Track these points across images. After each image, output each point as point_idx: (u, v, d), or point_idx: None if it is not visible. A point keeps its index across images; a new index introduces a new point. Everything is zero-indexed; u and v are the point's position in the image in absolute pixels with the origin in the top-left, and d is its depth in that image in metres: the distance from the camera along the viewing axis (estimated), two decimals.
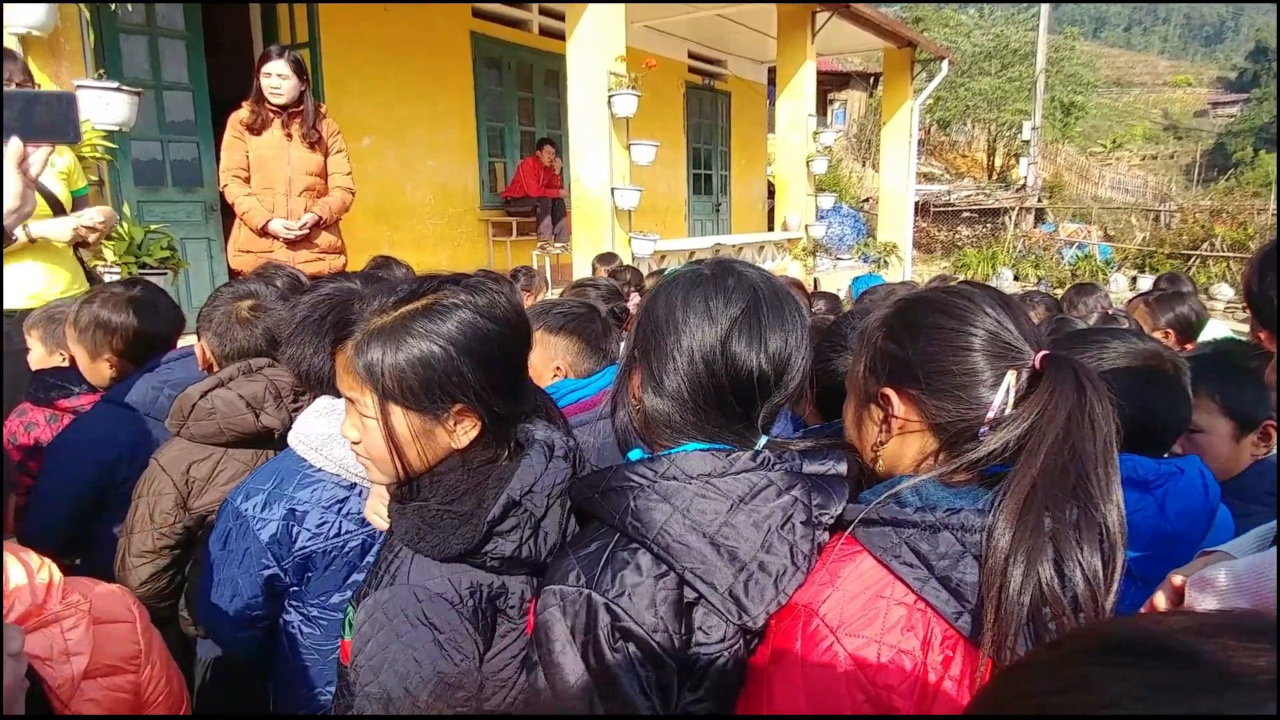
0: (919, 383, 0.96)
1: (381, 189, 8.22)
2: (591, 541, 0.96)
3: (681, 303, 1.00)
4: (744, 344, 0.97)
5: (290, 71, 4.01)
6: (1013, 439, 0.89)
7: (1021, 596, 0.80)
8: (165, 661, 1.23)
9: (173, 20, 6.46)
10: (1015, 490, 0.85)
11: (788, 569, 0.91)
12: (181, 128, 6.62)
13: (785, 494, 0.94)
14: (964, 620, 0.84)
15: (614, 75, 6.84)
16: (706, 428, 0.99)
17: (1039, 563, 0.81)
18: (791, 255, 10.29)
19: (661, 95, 11.24)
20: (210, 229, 6.77)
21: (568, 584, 0.92)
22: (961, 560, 0.85)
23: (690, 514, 0.91)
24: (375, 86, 8.06)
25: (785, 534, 0.92)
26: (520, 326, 1.08)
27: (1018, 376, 0.92)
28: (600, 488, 0.97)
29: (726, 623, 0.89)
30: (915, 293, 1.06)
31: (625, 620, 0.88)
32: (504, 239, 9.39)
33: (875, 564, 0.90)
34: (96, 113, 3.65)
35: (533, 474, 1.06)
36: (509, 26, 9.60)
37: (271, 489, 1.51)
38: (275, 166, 4.09)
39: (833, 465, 1.00)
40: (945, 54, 13.34)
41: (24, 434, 2.36)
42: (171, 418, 1.73)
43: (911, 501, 0.91)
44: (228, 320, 1.88)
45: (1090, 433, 0.86)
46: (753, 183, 14.72)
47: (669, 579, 0.90)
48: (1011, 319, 0.96)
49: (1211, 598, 0.95)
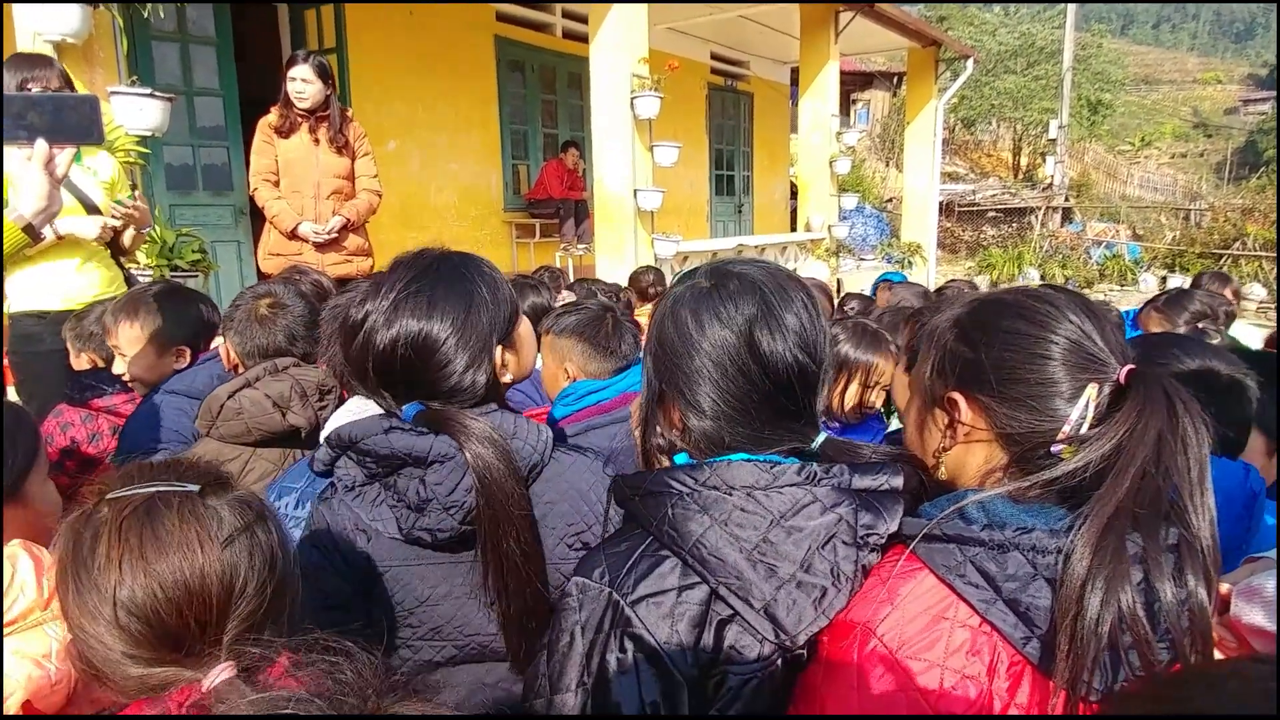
0: (991, 389, 0.91)
1: (406, 192, 8.29)
2: (623, 541, 0.95)
3: (692, 320, 0.97)
4: (768, 338, 0.95)
5: (314, 76, 4.06)
6: (1095, 459, 0.83)
7: (1100, 626, 0.76)
8: None
9: (203, 26, 6.56)
10: (1098, 514, 0.80)
11: (828, 590, 0.88)
12: (212, 132, 6.72)
13: (829, 511, 0.90)
14: (1032, 646, 0.80)
15: (637, 77, 6.85)
16: (764, 436, 0.96)
17: (1120, 589, 0.77)
18: (814, 256, 10.25)
19: (684, 96, 11.24)
20: (240, 232, 6.87)
21: (591, 578, 0.91)
22: (1032, 583, 0.81)
23: (729, 527, 0.88)
24: (401, 90, 8.13)
25: (826, 554, 0.88)
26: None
27: (1099, 390, 0.87)
28: (640, 490, 0.95)
29: (761, 642, 0.87)
30: (992, 293, 1.01)
31: (638, 627, 0.86)
32: (527, 241, 9.44)
33: (937, 583, 0.85)
34: (130, 118, 3.72)
35: (362, 429, 1.16)
36: (532, 30, 9.65)
37: (304, 487, 1.53)
38: (303, 170, 4.15)
39: (886, 480, 0.94)
40: (970, 53, 13.23)
41: (60, 434, 2.41)
42: (200, 418, 1.76)
43: (978, 518, 0.86)
44: (247, 319, 1.93)
45: (1183, 454, 0.81)
46: (775, 183, 14.68)
47: (695, 592, 0.88)
48: (1097, 328, 0.91)
49: (1259, 609, 0.93)
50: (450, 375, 1.18)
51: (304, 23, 7.54)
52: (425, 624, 1.21)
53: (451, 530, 1.15)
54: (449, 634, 1.21)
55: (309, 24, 7.52)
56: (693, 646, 0.86)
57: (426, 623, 1.21)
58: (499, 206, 9.42)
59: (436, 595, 1.20)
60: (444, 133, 8.65)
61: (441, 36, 8.45)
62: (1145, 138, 32.76)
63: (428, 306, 1.17)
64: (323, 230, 4.11)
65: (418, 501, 1.14)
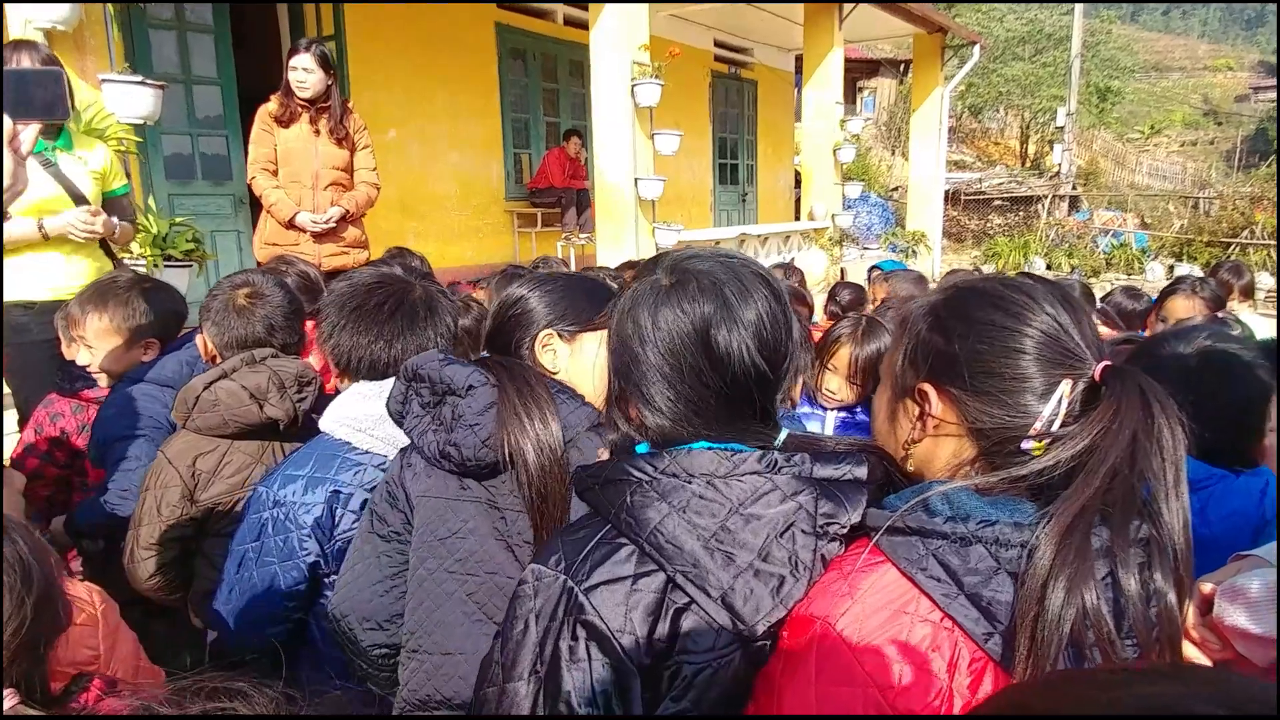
0: (962, 382, 0.89)
1: (406, 181, 8.26)
2: (582, 529, 0.94)
3: (650, 320, 0.94)
4: (724, 338, 0.92)
5: (316, 65, 4.03)
6: (1066, 458, 0.81)
7: (1061, 624, 0.74)
8: (132, 668, 1.19)
9: (201, 15, 6.52)
10: (1065, 512, 0.78)
11: (786, 579, 0.86)
12: (211, 122, 6.70)
13: (789, 500, 0.89)
14: (994, 642, 0.78)
15: (637, 64, 6.80)
16: (725, 434, 0.95)
17: (1084, 587, 0.75)
18: (817, 244, 10.18)
19: (687, 84, 11.17)
20: (239, 222, 6.85)
21: (547, 565, 0.90)
22: (995, 577, 0.79)
23: (687, 514, 0.87)
24: (400, 79, 8.09)
25: (785, 542, 0.87)
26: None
27: (1073, 386, 0.85)
28: (600, 478, 0.94)
29: (718, 631, 0.86)
30: (969, 281, 0.97)
31: (590, 614, 0.85)
32: (529, 230, 9.40)
33: (899, 576, 0.83)
34: (121, 106, 3.69)
35: (423, 361, 1.36)
36: (533, 18, 9.59)
37: (310, 473, 1.52)
38: (302, 161, 4.12)
39: (849, 469, 0.93)
40: (976, 39, 13.10)
41: (50, 424, 2.40)
42: (176, 410, 1.74)
43: (942, 510, 0.83)
44: (225, 309, 1.89)
45: (1158, 455, 0.79)
46: (780, 172, 14.60)
47: (651, 580, 0.87)
48: (1074, 321, 0.88)
49: (1242, 609, 0.89)
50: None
51: (302, 11, 7.50)
52: (452, 555, 1.33)
53: (474, 448, 1.27)
54: (471, 567, 1.33)
55: (307, 13, 7.47)
56: (647, 635, 0.85)
57: (453, 554, 1.33)
58: (500, 195, 9.38)
59: (465, 529, 1.33)
60: (444, 122, 8.60)
61: (442, 24, 8.40)
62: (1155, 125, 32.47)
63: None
64: (321, 220, 4.08)
65: (451, 421, 1.29)
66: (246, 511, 1.56)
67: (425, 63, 8.29)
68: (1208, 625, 0.94)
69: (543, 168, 9.11)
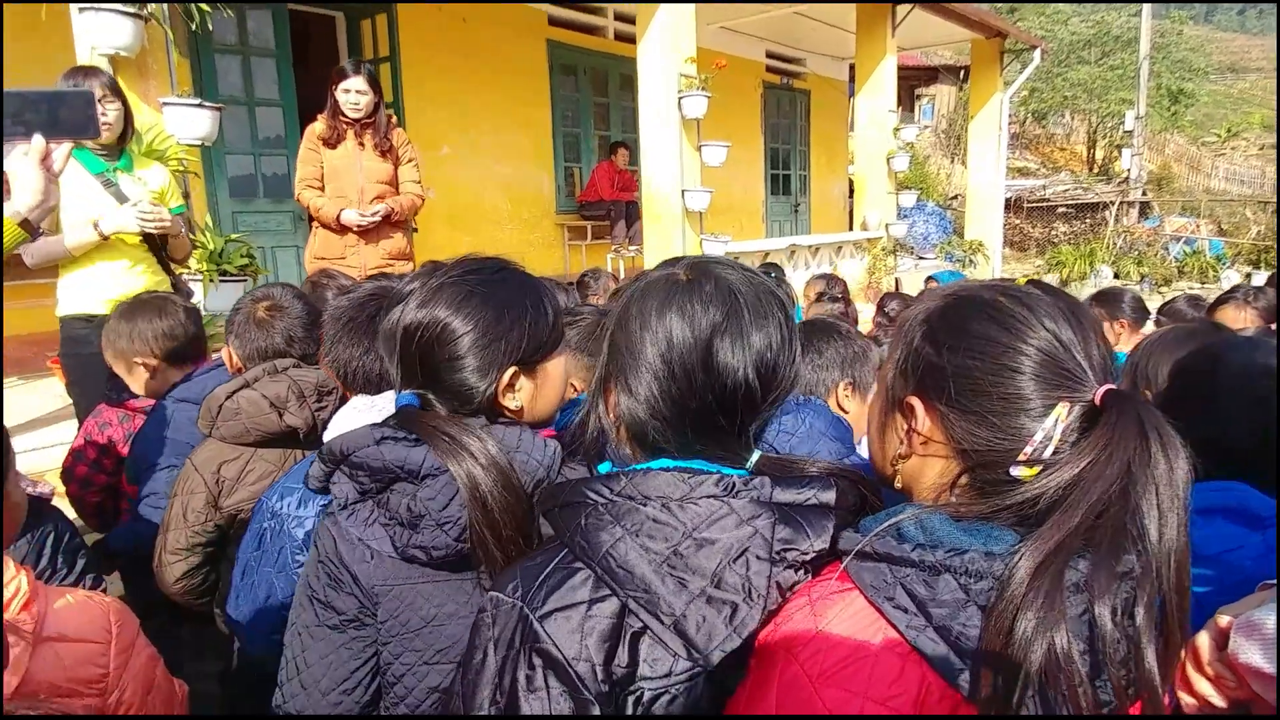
0: (949, 398, 0.83)
1: (458, 196, 8.42)
2: (540, 555, 0.91)
3: (656, 312, 0.91)
4: (728, 352, 0.89)
5: (368, 86, 4.13)
6: (1051, 488, 0.76)
7: (1029, 663, 0.69)
8: (145, 686, 1.18)
9: (263, 38, 6.77)
10: (1039, 548, 0.73)
11: (739, 606, 0.82)
12: (272, 143, 6.94)
13: (744, 525, 0.85)
14: (964, 679, 0.73)
15: (684, 77, 6.82)
16: (695, 447, 0.92)
17: (1053, 624, 0.70)
18: (871, 255, 10.03)
19: (738, 96, 11.15)
20: (299, 237, 7.08)
21: (505, 593, 0.88)
22: (963, 610, 0.74)
23: (639, 537, 0.85)
24: (454, 96, 8.26)
25: (738, 568, 0.84)
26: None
27: (1069, 410, 0.79)
28: (560, 500, 0.92)
29: (675, 657, 0.83)
30: (971, 288, 0.91)
31: (546, 642, 0.83)
32: (579, 243, 9.48)
33: (866, 605, 0.78)
34: (180, 128, 3.85)
35: (353, 441, 1.15)
36: (584, 33, 9.70)
37: (305, 488, 1.53)
38: (348, 176, 4.22)
39: (814, 494, 0.88)
40: (1037, 43, 12.79)
41: (99, 433, 2.49)
42: (201, 419, 1.80)
43: (914, 536, 0.78)
44: (246, 322, 1.95)
45: (1152, 489, 0.74)
46: (833, 182, 14.45)
47: (606, 605, 0.84)
48: (1079, 339, 0.82)
49: (1257, 648, 0.83)
50: (457, 371, 1.15)
51: (359, 32, 7.72)
52: (432, 645, 1.17)
53: (447, 548, 1.11)
54: (455, 655, 1.17)
55: (364, 33, 7.70)
56: (604, 661, 0.82)
57: (433, 644, 1.17)
58: (551, 209, 9.50)
59: (443, 615, 1.17)
60: (496, 136, 8.76)
61: (494, 42, 8.56)
62: (1232, 128, 31.17)
63: (462, 299, 1.17)
64: (366, 215, 4.14)
65: (409, 518, 1.11)
66: (251, 520, 1.60)
67: (478, 80, 8.46)
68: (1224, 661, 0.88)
69: (592, 181, 9.20)
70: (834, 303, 3.80)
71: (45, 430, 4.05)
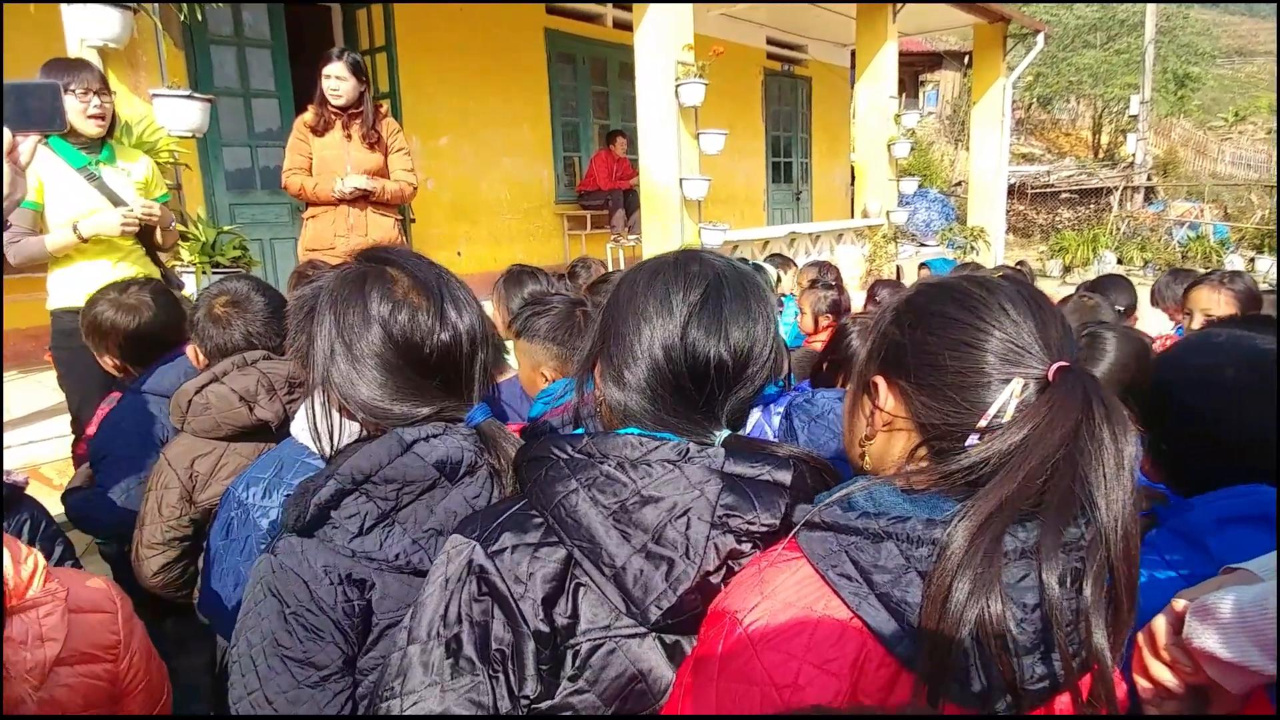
0: (909, 374, 0.87)
1: (458, 186, 8.41)
2: (503, 504, 0.97)
3: (643, 290, 0.98)
4: (703, 332, 0.94)
5: (348, 73, 4.12)
6: (997, 454, 0.78)
7: (961, 627, 0.71)
8: (146, 654, 1.26)
9: (259, 30, 6.75)
10: (979, 510, 0.75)
11: (676, 562, 0.85)
12: (269, 135, 6.93)
13: (692, 489, 0.88)
14: (904, 646, 0.75)
15: (681, 64, 6.78)
16: (666, 419, 0.96)
17: (988, 589, 0.71)
18: (871, 242, 9.99)
19: (738, 83, 11.10)
20: (296, 229, 7.04)
21: (464, 533, 0.92)
22: (904, 576, 0.76)
23: (591, 491, 0.89)
24: (452, 86, 8.23)
25: (678, 525, 0.87)
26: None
27: (1024, 386, 0.82)
28: (528, 455, 0.97)
29: (613, 611, 0.87)
30: (943, 277, 0.96)
31: (492, 574, 0.87)
32: (579, 232, 9.47)
33: (812, 573, 0.80)
34: (170, 119, 3.84)
35: (370, 461, 1.04)
36: (583, 21, 9.65)
37: (271, 477, 1.53)
38: (336, 166, 4.22)
39: (768, 471, 0.91)
40: (1040, 28, 12.67)
41: None
42: (172, 413, 1.79)
43: (862, 506, 0.81)
44: (205, 319, 1.93)
45: (1098, 457, 0.76)
46: (836, 169, 14.38)
47: (555, 551, 0.88)
48: (1035, 320, 0.85)
49: (1212, 632, 0.82)
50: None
51: (355, 22, 7.69)
52: None
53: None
54: None
55: (360, 23, 7.67)
56: (544, 601, 0.86)
57: None
58: (550, 199, 9.48)
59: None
60: (495, 127, 8.73)
61: (492, 31, 8.52)
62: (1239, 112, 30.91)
63: None
64: (346, 186, 4.11)
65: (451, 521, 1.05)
66: (219, 509, 1.60)
67: (475, 70, 8.43)
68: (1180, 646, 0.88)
69: (590, 170, 9.17)
70: (827, 290, 3.79)
71: (45, 423, 4.07)
